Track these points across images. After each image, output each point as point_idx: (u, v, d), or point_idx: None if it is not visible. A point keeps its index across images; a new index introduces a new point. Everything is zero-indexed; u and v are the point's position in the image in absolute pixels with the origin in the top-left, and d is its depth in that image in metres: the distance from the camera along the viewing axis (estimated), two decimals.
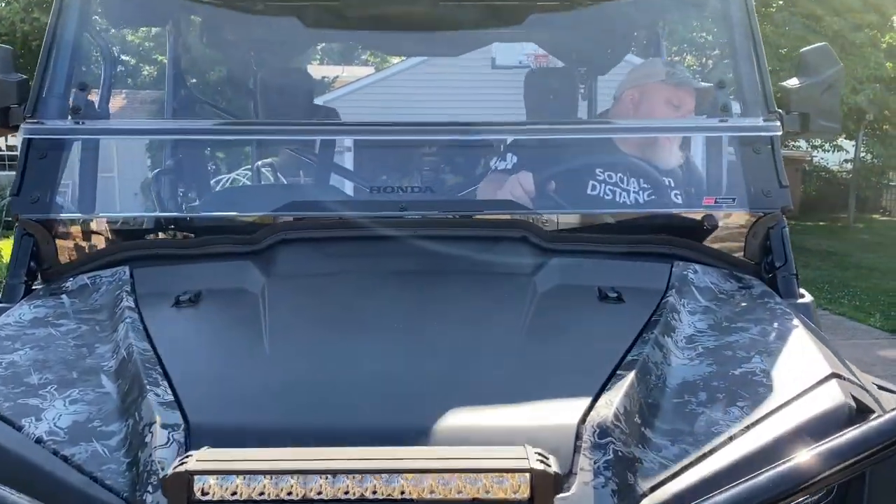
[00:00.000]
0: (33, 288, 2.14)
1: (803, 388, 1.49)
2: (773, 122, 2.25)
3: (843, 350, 1.86)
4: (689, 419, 1.45)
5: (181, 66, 3.53)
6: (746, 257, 2.24)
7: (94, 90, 2.43)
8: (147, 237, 2.34)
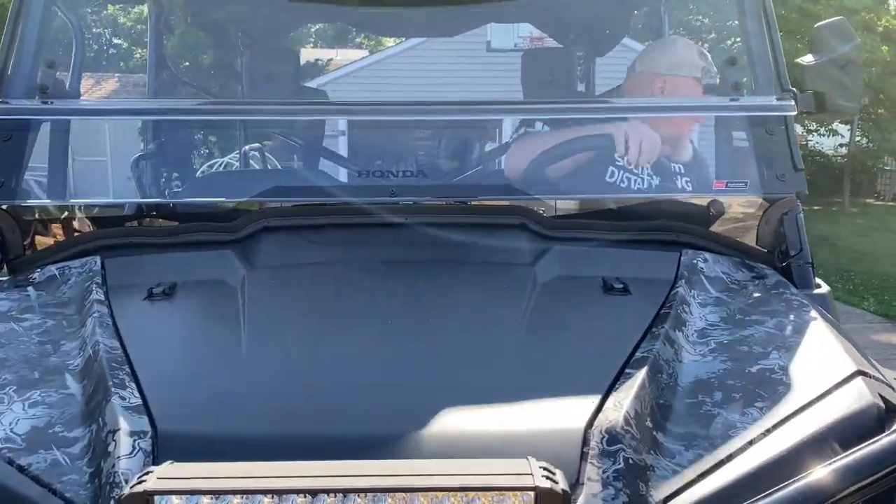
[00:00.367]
0: None
1: (827, 386, 1.40)
2: (787, 101, 2.15)
3: None
4: (704, 421, 1.36)
5: (164, 46, 3.41)
6: (758, 245, 2.14)
7: (65, 71, 2.32)
8: (126, 225, 2.22)
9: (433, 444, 1.23)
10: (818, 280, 2.10)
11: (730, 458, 1.27)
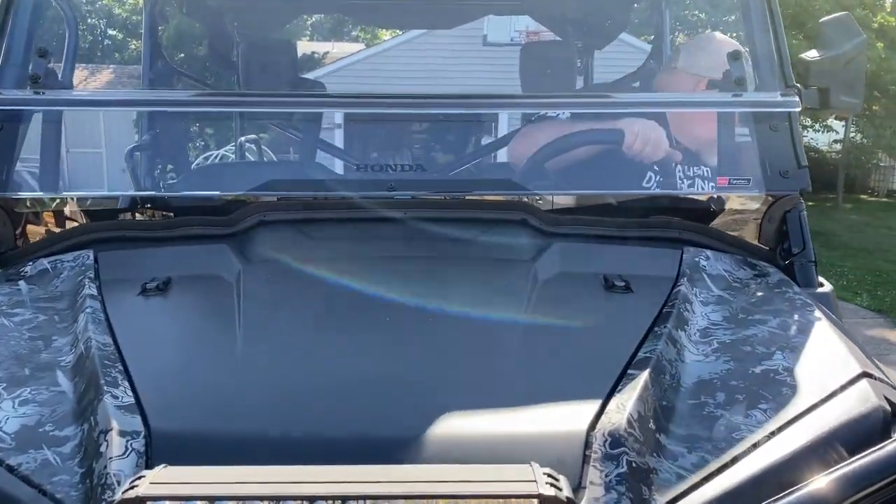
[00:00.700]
0: None
1: (832, 389, 1.37)
2: (792, 97, 2.11)
3: None
4: (707, 423, 1.33)
5: (159, 37, 3.37)
6: (761, 242, 2.11)
7: (58, 62, 2.28)
8: (120, 218, 2.18)
9: (433, 446, 1.20)
10: (821, 279, 2.07)
11: (733, 461, 1.24)
